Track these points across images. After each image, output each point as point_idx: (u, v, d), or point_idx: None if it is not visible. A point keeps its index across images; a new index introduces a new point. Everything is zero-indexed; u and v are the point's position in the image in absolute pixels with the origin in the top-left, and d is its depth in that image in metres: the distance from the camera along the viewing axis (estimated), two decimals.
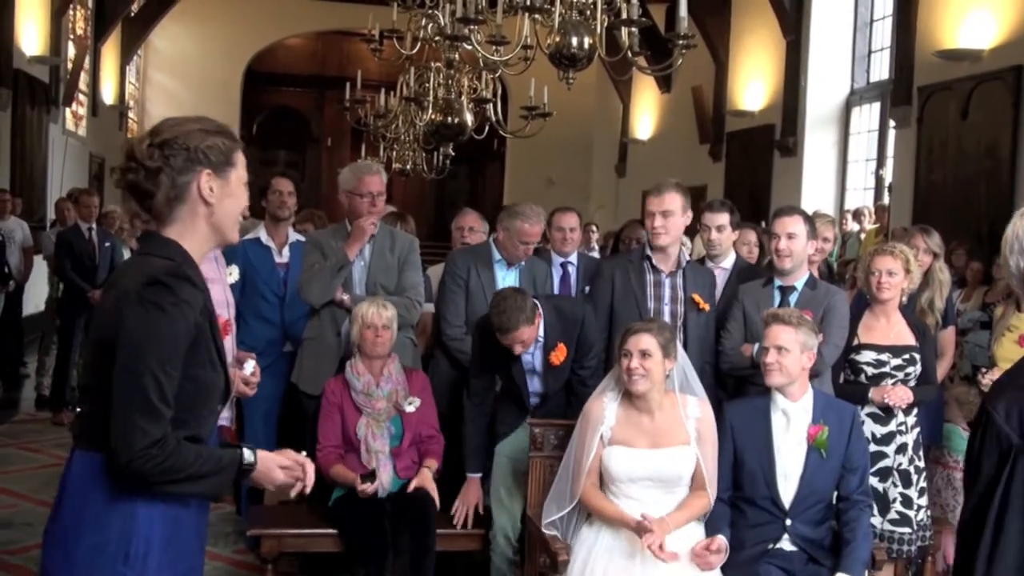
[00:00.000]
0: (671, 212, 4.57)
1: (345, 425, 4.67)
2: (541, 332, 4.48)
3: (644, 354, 3.85)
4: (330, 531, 4.61)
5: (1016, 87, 9.08)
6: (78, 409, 2.52)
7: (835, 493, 4.03)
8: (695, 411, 3.98)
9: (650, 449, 3.91)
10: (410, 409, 4.64)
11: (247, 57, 21.67)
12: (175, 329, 2.29)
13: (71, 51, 15.11)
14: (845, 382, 4.68)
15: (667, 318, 4.55)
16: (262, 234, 5.72)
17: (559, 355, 4.51)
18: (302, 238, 5.71)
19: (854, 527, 3.92)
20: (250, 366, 3.41)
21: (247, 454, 2.45)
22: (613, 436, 3.96)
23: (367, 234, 4.99)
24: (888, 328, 4.67)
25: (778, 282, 4.73)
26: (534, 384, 4.64)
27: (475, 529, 4.62)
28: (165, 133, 2.41)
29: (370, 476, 4.49)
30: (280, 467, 2.52)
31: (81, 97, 16.02)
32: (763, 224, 10.50)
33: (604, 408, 3.99)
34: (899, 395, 4.50)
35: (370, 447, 4.62)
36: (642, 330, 3.90)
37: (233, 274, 4.30)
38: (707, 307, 4.63)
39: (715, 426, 4.00)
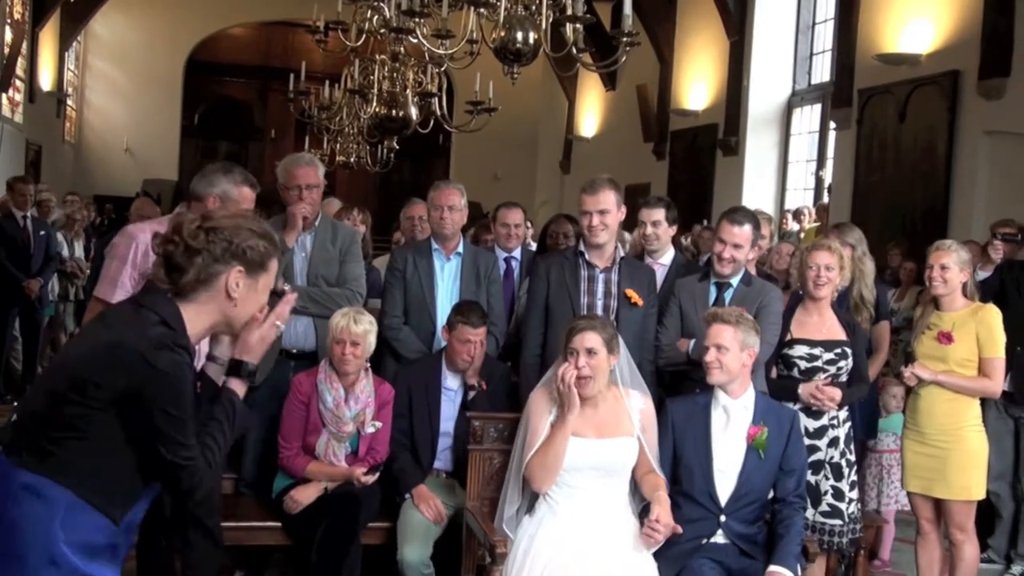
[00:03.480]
0: (607, 211, 4.60)
1: (305, 428, 4.62)
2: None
3: (590, 352, 3.88)
4: (270, 524, 4.57)
5: (952, 91, 9.27)
6: (14, 418, 2.57)
7: (770, 494, 4.09)
8: (639, 403, 4.03)
9: (596, 439, 3.93)
10: (370, 431, 4.62)
11: (189, 46, 21.43)
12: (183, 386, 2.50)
13: (8, 36, 14.81)
14: (778, 376, 4.74)
15: (599, 313, 4.57)
16: None
17: (481, 385, 4.74)
18: None
19: (788, 524, 3.98)
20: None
21: (234, 384, 2.66)
22: None
23: (298, 219, 4.93)
24: (821, 323, 4.74)
25: (714, 278, 4.79)
26: (447, 429, 4.77)
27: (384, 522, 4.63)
28: (215, 221, 2.60)
29: (373, 469, 4.50)
30: (269, 332, 2.69)
31: (18, 83, 15.71)
32: (705, 223, 10.64)
33: (550, 398, 4.00)
34: (830, 393, 4.57)
35: (330, 464, 4.60)
36: (587, 328, 3.92)
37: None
38: (641, 302, 4.64)
39: (655, 419, 4.06)
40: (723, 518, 3.99)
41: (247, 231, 2.62)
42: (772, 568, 3.84)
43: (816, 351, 4.65)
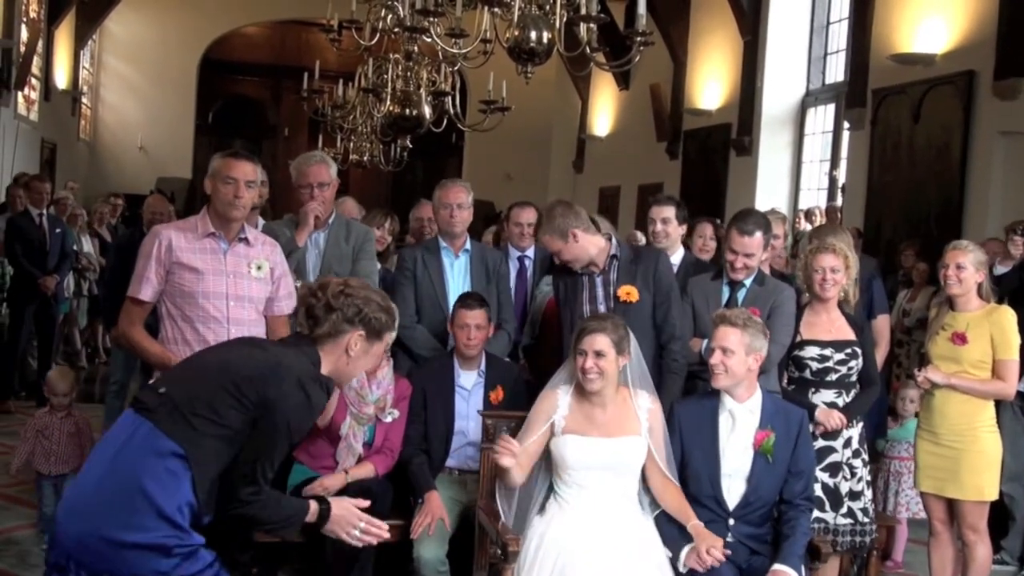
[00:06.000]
0: (556, 250, 4.60)
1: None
2: (483, 367, 4.80)
3: (599, 354, 3.92)
4: None
5: (967, 91, 9.24)
6: (161, 390, 3.01)
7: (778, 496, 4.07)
8: (646, 403, 4.06)
9: (603, 438, 3.97)
10: (388, 420, 4.65)
11: (204, 45, 21.45)
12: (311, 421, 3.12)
13: (24, 34, 14.87)
14: (789, 380, 4.73)
15: None
16: None
17: (497, 395, 4.75)
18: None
19: (793, 525, 3.97)
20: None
21: (313, 509, 3.13)
22: (566, 426, 4.01)
23: (311, 218, 4.97)
24: (829, 323, 4.73)
25: (727, 278, 4.79)
26: (468, 427, 4.75)
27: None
28: (353, 290, 3.17)
29: None
30: (355, 527, 3.21)
31: (34, 81, 15.78)
32: (720, 222, 10.63)
33: (557, 400, 4.06)
34: (835, 420, 4.58)
35: (351, 447, 4.61)
36: (596, 330, 3.95)
37: (263, 267, 4.27)
38: (635, 298, 4.56)
39: (664, 420, 4.07)
40: (732, 522, 3.99)
41: (376, 304, 3.19)
42: (776, 567, 3.83)
43: (827, 352, 4.65)
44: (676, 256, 5.32)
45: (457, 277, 5.24)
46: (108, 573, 2.80)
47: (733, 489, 4.00)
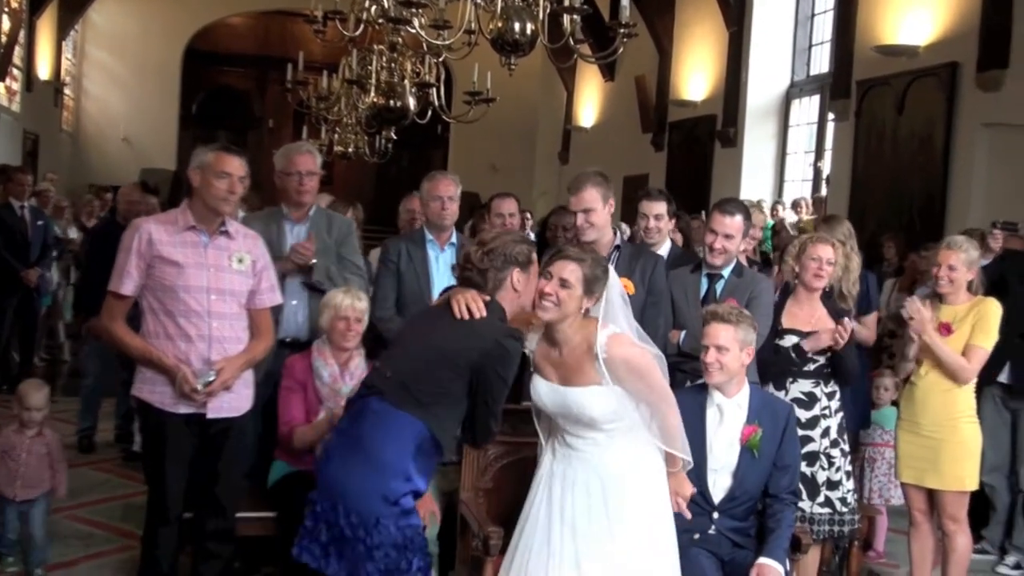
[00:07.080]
0: (592, 209, 4.56)
1: (306, 410, 4.62)
2: None
3: (563, 283, 3.48)
4: (264, 514, 4.56)
5: (950, 83, 9.27)
6: (388, 374, 3.48)
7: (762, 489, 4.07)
8: (603, 349, 3.48)
9: (559, 385, 3.58)
10: None
11: (188, 35, 21.35)
12: (515, 366, 3.54)
13: (5, 24, 14.78)
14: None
15: None
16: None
17: None
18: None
19: (779, 519, 3.97)
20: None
21: None
22: (534, 361, 3.68)
23: (288, 265, 4.90)
24: (811, 314, 4.78)
25: (706, 269, 4.81)
26: None
27: None
28: (490, 244, 3.56)
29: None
30: None
31: (15, 72, 15.68)
32: (703, 214, 10.64)
33: (530, 327, 3.70)
34: (845, 327, 4.59)
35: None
36: (571, 257, 3.52)
37: (244, 261, 4.22)
38: (631, 290, 4.50)
39: (642, 369, 3.54)
40: (716, 515, 3.99)
41: (511, 242, 3.58)
42: (761, 560, 3.83)
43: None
44: (663, 249, 5.31)
45: (442, 270, 5.21)
46: (356, 512, 3.34)
47: (718, 483, 3.99)
